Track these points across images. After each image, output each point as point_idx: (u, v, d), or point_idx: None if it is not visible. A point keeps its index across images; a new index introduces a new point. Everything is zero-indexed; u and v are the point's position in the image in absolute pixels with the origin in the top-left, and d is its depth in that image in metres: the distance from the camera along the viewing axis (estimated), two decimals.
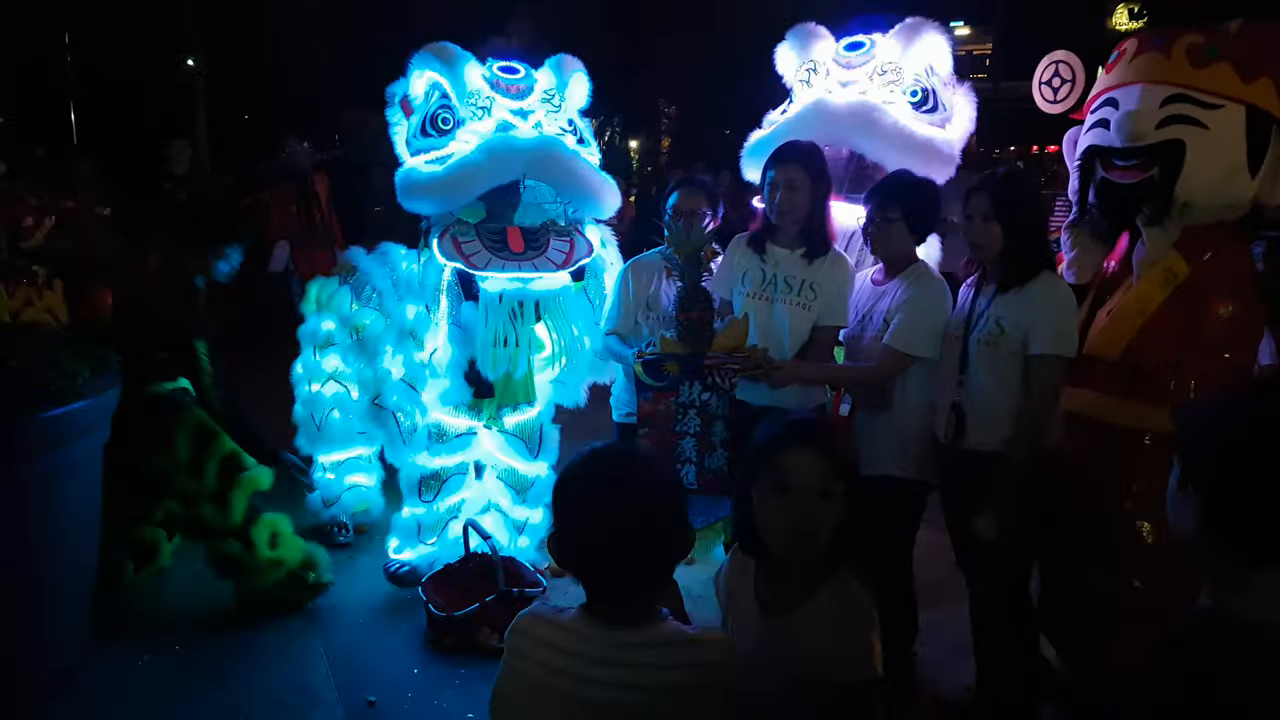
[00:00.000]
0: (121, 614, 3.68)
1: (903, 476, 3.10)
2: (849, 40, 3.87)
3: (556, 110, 3.56)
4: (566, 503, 1.59)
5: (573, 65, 3.65)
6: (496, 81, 3.53)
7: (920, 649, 3.36)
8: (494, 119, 3.47)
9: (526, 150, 3.41)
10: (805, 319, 3.20)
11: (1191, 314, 2.90)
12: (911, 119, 3.67)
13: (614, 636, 1.54)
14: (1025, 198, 2.99)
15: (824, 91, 3.76)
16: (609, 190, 3.61)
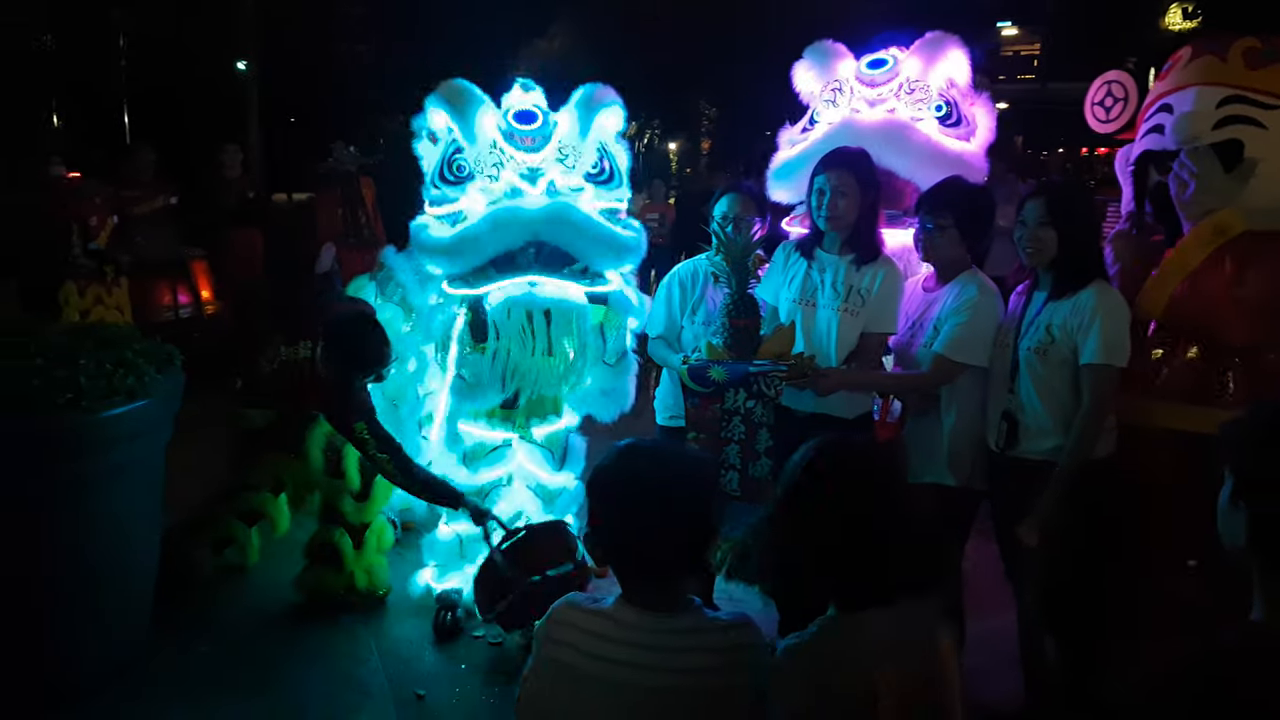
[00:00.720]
0: (180, 607, 3.76)
1: (951, 485, 3.10)
2: (871, 58, 3.87)
3: (570, 167, 3.42)
4: (601, 496, 1.65)
5: (601, 99, 3.50)
6: (511, 133, 3.43)
7: (968, 659, 3.35)
8: (503, 183, 3.39)
9: (533, 220, 3.33)
10: (853, 326, 3.20)
11: (1236, 271, 2.88)
12: (939, 135, 3.69)
13: (651, 622, 1.60)
14: (1081, 205, 2.98)
15: (851, 110, 3.77)
16: (626, 245, 3.48)
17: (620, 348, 3.66)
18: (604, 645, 1.60)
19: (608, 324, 3.60)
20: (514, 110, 3.48)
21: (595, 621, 1.63)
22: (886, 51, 3.89)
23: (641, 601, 1.62)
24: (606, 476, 1.65)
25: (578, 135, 3.45)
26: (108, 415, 3.02)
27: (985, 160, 3.72)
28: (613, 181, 3.56)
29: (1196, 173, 2.99)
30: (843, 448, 1.72)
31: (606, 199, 3.54)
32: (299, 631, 3.74)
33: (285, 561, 4.28)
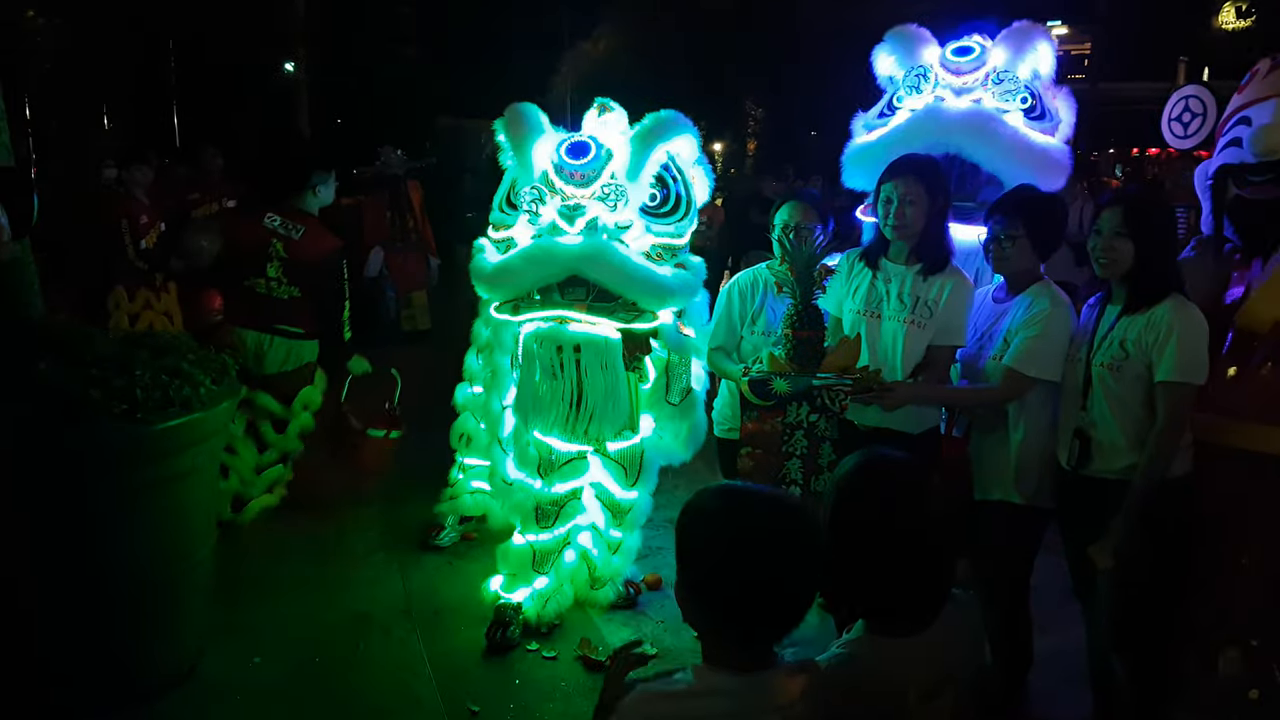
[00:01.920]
0: (235, 616, 3.78)
1: (1019, 503, 3.01)
2: (957, 45, 3.83)
3: (614, 206, 3.35)
4: (703, 547, 1.50)
5: (662, 130, 3.41)
6: (561, 166, 3.39)
7: (1035, 678, 3.26)
8: (546, 218, 3.38)
9: (569, 258, 3.31)
10: (920, 338, 3.11)
11: None
12: (1024, 128, 3.63)
13: (745, 685, 1.47)
14: (1160, 216, 2.87)
15: (936, 99, 3.72)
16: (667, 286, 3.38)
17: (683, 386, 3.62)
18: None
19: (670, 364, 3.58)
20: (568, 143, 3.43)
21: (688, 705, 1.48)
22: (972, 39, 3.83)
23: (735, 664, 1.48)
24: (710, 525, 1.51)
25: (629, 171, 3.37)
26: (164, 427, 3.03)
27: (1070, 156, 3.65)
28: (675, 214, 3.47)
29: None
30: (874, 470, 1.67)
31: (664, 233, 3.45)
32: (352, 641, 3.72)
33: (341, 571, 4.32)
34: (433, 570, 4.33)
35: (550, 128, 3.52)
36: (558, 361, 3.40)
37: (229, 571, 3.93)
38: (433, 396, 4.55)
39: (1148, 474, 2.70)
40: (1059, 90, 3.78)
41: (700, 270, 3.51)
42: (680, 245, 3.50)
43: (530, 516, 3.67)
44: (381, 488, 5.26)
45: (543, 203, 3.38)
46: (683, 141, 3.48)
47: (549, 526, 3.68)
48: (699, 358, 3.65)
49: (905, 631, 1.61)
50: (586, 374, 3.40)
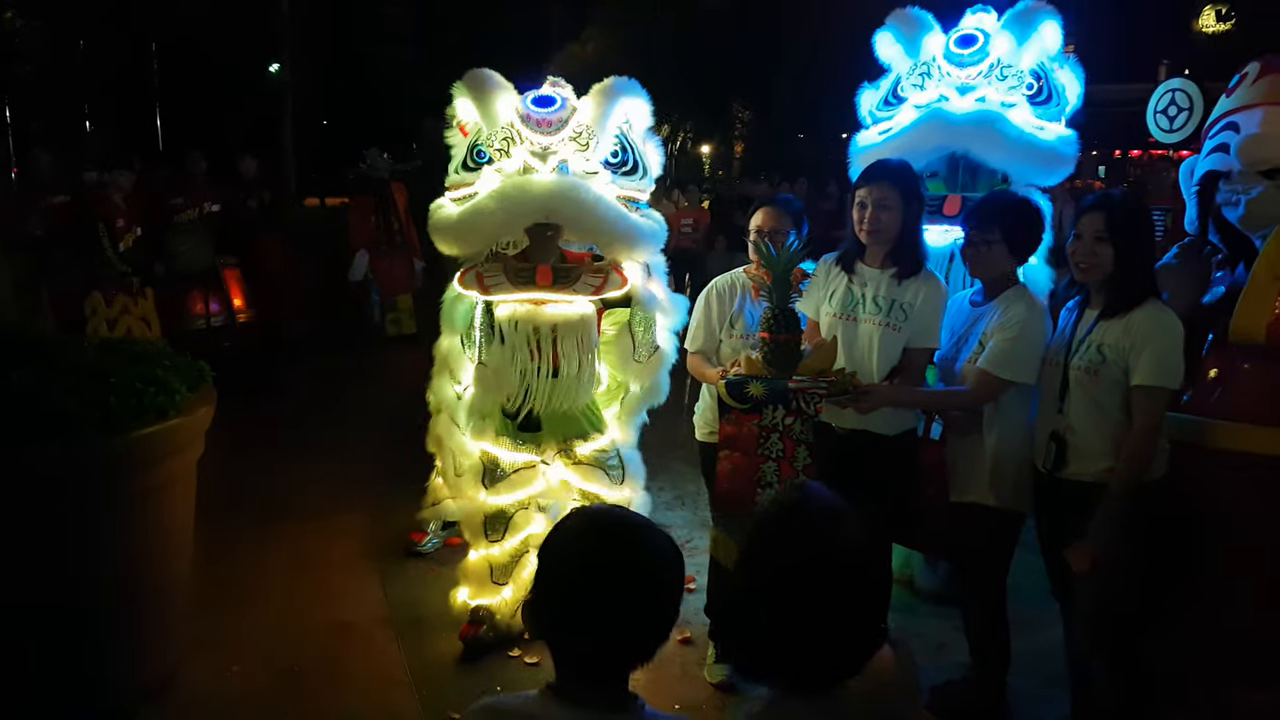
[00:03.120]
0: (215, 626, 3.75)
1: (994, 506, 3.03)
2: (959, 34, 3.82)
3: (585, 151, 3.39)
4: (553, 566, 1.43)
5: (622, 88, 3.45)
6: (528, 115, 3.41)
7: (1016, 679, 3.28)
8: (515, 161, 3.39)
9: (541, 196, 3.30)
10: (895, 341, 3.13)
11: None
12: (1031, 119, 3.68)
13: (590, 715, 1.39)
14: (1139, 221, 2.89)
15: (940, 97, 3.75)
16: (639, 230, 3.43)
17: (650, 343, 3.62)
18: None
19: (634, 321, 3.58)
20: (534, 95, 3.46)
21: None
22: (975, 22, 3.82)
23: (580, 699, 1.40)
24: (566, 548, 1.43)
25: (597, 121, 3.41)
26: (139, 435, 3.01)
27: (1077, 145, 3.69)
28: (635, 173, 3.53)
29: (1242, 189, 2.92)
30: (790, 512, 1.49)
31: (627, 188, 3.50)
32: (332, 650, 3.71)
33: (321, 579, 4.30)
34: (415, 578, 4.31)
35: (513, 88, 3.51)
36: (534, 342, 3.39)
37: (208, 581, 3.92)
38: (418, 401, 4.54)
39: (1124, 477, 2.71)
40: (1064, 64, 3.79)
41: (664, 225, 3.56)
42: (642, 199, 3.56)
43: (479, 530, 3.64)
44: (365, 494, 5.26)
45: (513, 143, 3.39)
46: (637, 106, 3.51)
47: (499, 540, 3.63)
48: (665, 315, 3.64)
49: (822, 688, 1.42)
50: (565, 354, 3.40)
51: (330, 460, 5.91)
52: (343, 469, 5.74)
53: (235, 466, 5.17)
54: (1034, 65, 3.74)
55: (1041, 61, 3.76)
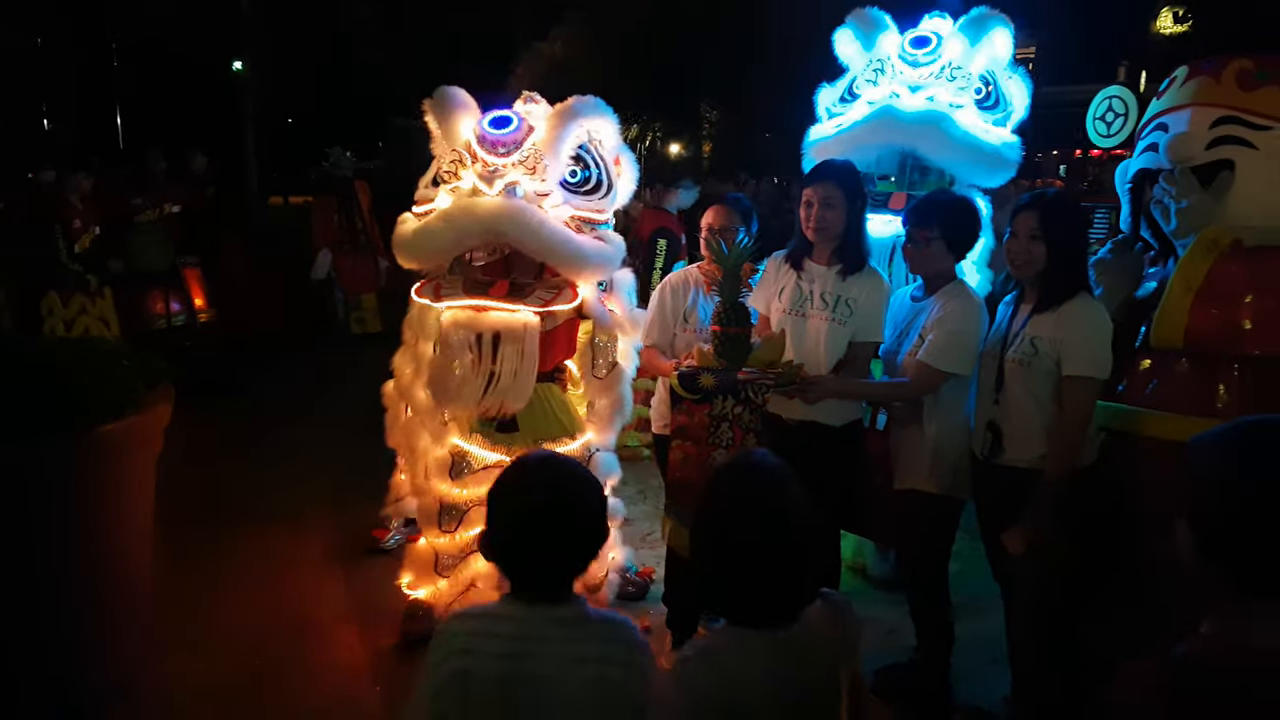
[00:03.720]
0: (177, 625, 3.77)
1: (934, 492, 3.13)
2: (914, 35, 3.94)
3: (536, 174, 3.38)
4: (500, 505, 1.74)
5: (580, 109, 3.45)
6: (483, 136, 3.43)
7: (959, 660, 3.38)
8: (466, 183, 3.42)
9: (485, 218, 3.32)
10: (842, 335, 3.23)
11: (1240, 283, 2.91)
12: (978, 122, 3.79)
13: (544, 612, 1.71)
14: (1072, 219, 3.00)
15: (892, 94, 3.85)
16: (585, 254, 3.39)
17: (609, 360, 3.66)
18: (500, 643, 1.68)
19: (594, 337, 3.62)
20: (491, 116, 3.49)
21: (485, 623, 1.73)
22: (929, 25, 3.95)
23: (531, 597, 1.72)
24: (509, 487, 1.75)
25: (551, 143, 3.42)
26: (96, 432, 3.02)
27: (1020, 151, 3.81)
28: (597, 191, 3.55)
29: (1175, 194, 3.04)
30: (738, 469, 1.76)
31: (584, 208, 3.51)
32: (295, 647, 3.74)
33: (281, 577, 4.33)
34: (378, 574, 4.30)
35: (478, 108, 3.54)
36: (476, 347, 3.40)
37: (171, 580, 3.93)
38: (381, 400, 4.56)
39: (1056, 463, 2.83)
40: (1014, 74, 3.92)
41: (620, 247, 3.53)
42: (600, 220, 3.55)
43: (433, 518, 3.65)
44: (328, 492, 5.28)
45: (463, 165, 3.43)
46: (602, 124, 3.54)
47: (451, 530, 3.63)
48: (623, 332, 3.67)
49: (764, 625, 1.66)
50: (504, 360, 3.40)
51: (293, 459, 5.92)
52: (306, 467, 5.75)
53: (198, 466, 5.19)
54: (984, 70, 3.87)
55: (991, 68, 3.89)
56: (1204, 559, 1.32)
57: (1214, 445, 1.36)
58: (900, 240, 3.42)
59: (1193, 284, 2.90)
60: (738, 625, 1.67)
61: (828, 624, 1.72)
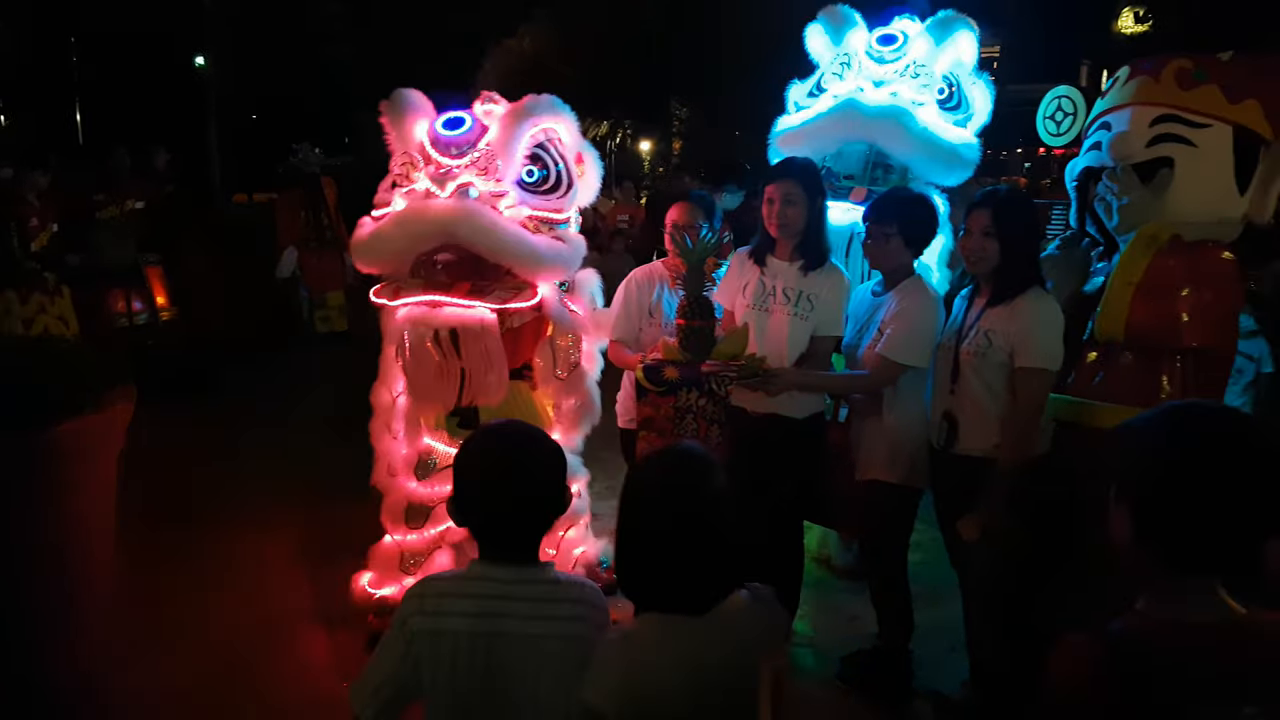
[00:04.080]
0: (140, 624, 3.75)
1: (892, 482, 3.20)
2: (882, 33, 4.02)
3: (488, 176, 3.36)
4: (465, 467, 1.81)
5: (536, 108, 3.42)
6: (435, 138, 3.43)
7: (920, 647, 3.45)
8: (420, 186, 3.40)
9: (437, 220, 3.30)
10: (803, 329, 3.29)
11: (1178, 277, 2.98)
12: (938, 121, 3.86)
13: (519, 574, 1.77)
14: (1024, 216, 3.07)
15: (857, 88, 3.91)
16: (540, 255, 3.35)
17: (570, 361, 3.67)
18: (470, 603, 1.74)
19: (554, 336, 3.62)
20: (444, 118, 3.48)
21: (462, 585, 1.78)
22: (898, 25, 4.02)
23: (507, 558, 1.78)
24: (472, 449, 1.82)
25: (505, 143, 3.38)
26: (57, 431, 3.01)
27: (978, 151, 3.88)
28: (556, 190, 3.50)
29: (1117, 191, 3.12)
30: (662, 459, 1.79)
31: (541, 207, 3.47)
32: (264, 646, 3.73)
33: (250, 576, 4.32)
34: (347, 573, 4.24)
35: (433, 110, 3.53)
36: (436, 345, 3.37)
37: (136, 579, 3.93)
38: (350, 398, 4.54)
39: (1009, 452, 2.90)
40: (978, 78, 4.00)
41: (579, 246, 3.51)
42: (559, 220, 3.51)
43: (399, 517, 3.65)
44: (293, 491, 5.26)
45: (416, 168, 3.42)
46: (560, 122, 3.51)
47: (419, 527, 3.64)
48: (585, 334, 3.66)
49: (677, 612, 1.67)
50: (471, 359, 3.38)
51: (257, 458, 5.88)
52: (270, 467, 5.71)
53: (161, 466, 5.15)
54: (947, 71, 3.94)
55: (955, 70, 3.96)
56: (1137, 538, 1.37)
57: (1143, 427, 1.41)
58: (858, 229, 3.49)
59: (1133, 278, 2.98)
60: (652, 612, 1.69)
61: (750, 616, 1.72)
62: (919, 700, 3.37)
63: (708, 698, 1.65)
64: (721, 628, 1.68)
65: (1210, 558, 1.35)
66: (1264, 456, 1.32)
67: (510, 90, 3.69)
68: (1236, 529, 1.32)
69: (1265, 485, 1.30)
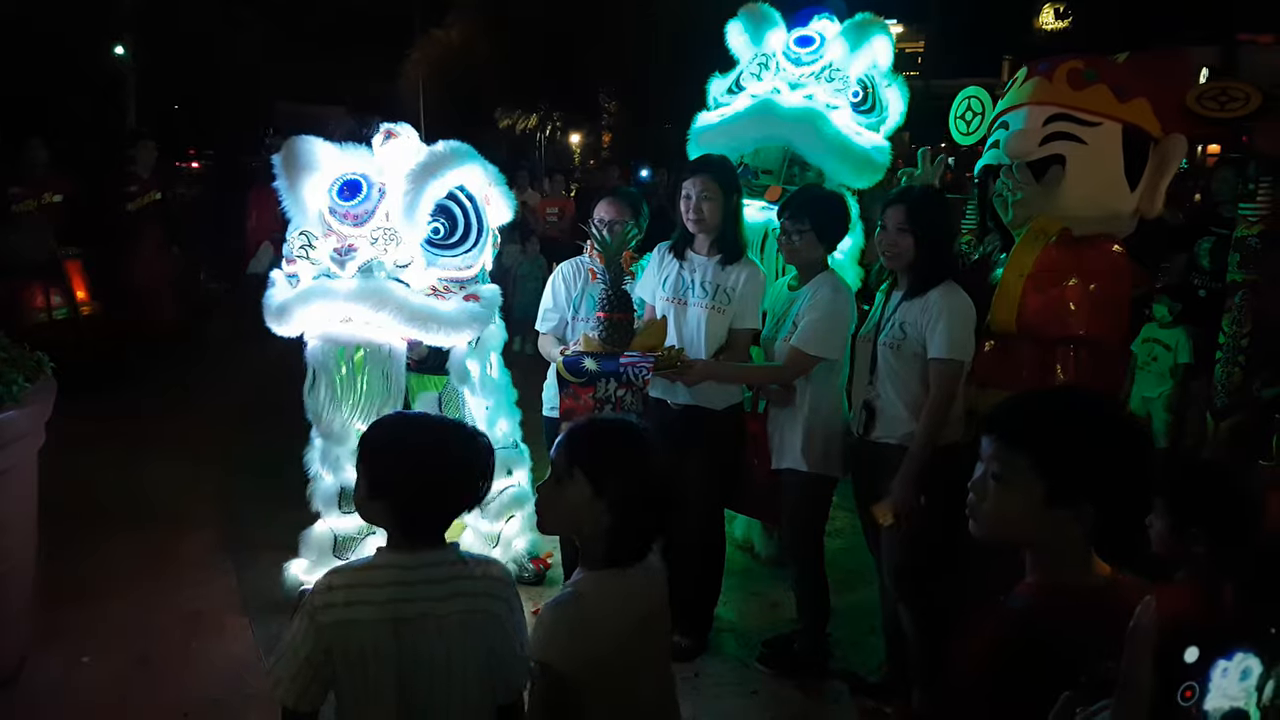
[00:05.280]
0: (62, 619, 3.72)
1: (806, 470, 3.31)
2: (800, 34, 4.12)
3: (389, 248, 3.31)
4: (381, 460, 1.84)
5: (442, 165, 3.33)
6: (334, 208, 3.33)
7: (840, 630, 3.57)
8: (321, 262, 3.33)
9: (345, 300, 3.26)
10: (721, 322, 3.38)
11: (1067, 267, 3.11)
12: (851, 123, 3.96)
13: (429, 557, 1.82)
14: (937, 213, 3.19)
15: (774, 89, 4.01)
16: (444, 323, 3.35)
17: (491, 387, 3.74)
18: (376, 592, 1.78)
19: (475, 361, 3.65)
20: (340, 184, 3.36)
21: (365, 575, 1.83)
22: (816, 26, 4.12)
23: (413, 545, 1.83)
24: (385, 444, 1.86)
25: (407, 208, 3.30)
26: None
27: (889, 155, 4.00)
28: (464, 244, 3.44)
29: (1012, 187, 3.25)
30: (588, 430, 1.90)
31: (451, 265, 3.43)
32: (184, 638, 3.72)
33: (170, 570, 4.28)
34: (266, 566, 4.21)
35: (335, 154, 3.40)
36: (341, 367, 3.36)
37: (56, 575, 3.87)
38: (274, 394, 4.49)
39: (920, 440, 3.02)
40: (893, 81, 4.11)
41: (493, 298, 3.53)
42: (469, 276, 3.49)
43: (333, 501, 3.67)
44: (212, 488, 5.22)
45: (312, 247, 3.34)
46: (468, 172, 3.44)
47: (351, 509, 3.61)
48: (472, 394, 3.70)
49: (622, 565, 1.81)
50: (368, 380, 3.37)
51: (181, 455, 5.78)
52: (191, 461, 5.63)
53: (82, 462, 5.05)
54: (862, 74, 4.04)
55: (870, 73, 4.07)
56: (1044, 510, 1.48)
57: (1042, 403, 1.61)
58: (771, 226, 3.60)
59: (1024, 270, 3.12)
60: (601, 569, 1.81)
61: (660, 569, 1.90)
62: (837, 681, 3.48)
63: (648, 645, 1.82)
64: (647, 580, 1.84)
65: None
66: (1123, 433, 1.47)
67: (438, 81, 3.68)
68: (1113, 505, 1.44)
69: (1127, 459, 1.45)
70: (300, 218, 3.40)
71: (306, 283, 3.36)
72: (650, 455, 1.82)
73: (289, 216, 3.45)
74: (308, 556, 3.75)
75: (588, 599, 1.76)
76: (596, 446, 1.82)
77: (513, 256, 8.93)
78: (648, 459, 1.81)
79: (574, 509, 1.78)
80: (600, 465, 1.77)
